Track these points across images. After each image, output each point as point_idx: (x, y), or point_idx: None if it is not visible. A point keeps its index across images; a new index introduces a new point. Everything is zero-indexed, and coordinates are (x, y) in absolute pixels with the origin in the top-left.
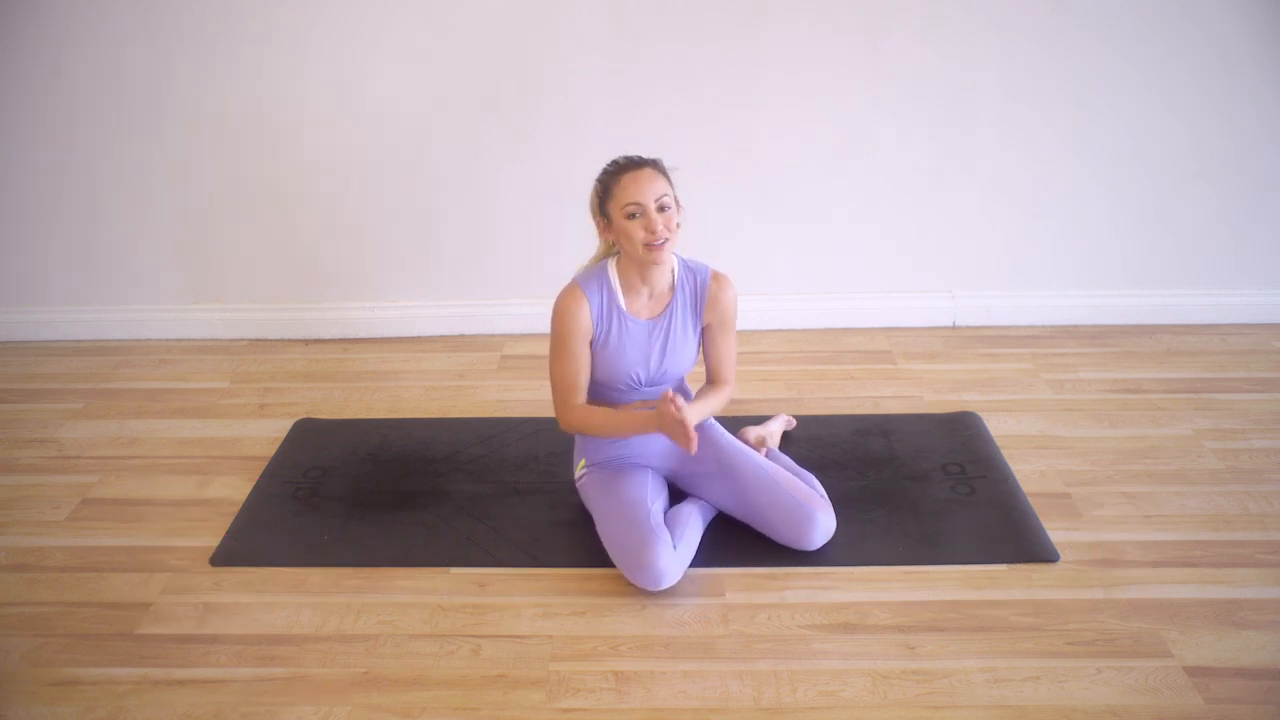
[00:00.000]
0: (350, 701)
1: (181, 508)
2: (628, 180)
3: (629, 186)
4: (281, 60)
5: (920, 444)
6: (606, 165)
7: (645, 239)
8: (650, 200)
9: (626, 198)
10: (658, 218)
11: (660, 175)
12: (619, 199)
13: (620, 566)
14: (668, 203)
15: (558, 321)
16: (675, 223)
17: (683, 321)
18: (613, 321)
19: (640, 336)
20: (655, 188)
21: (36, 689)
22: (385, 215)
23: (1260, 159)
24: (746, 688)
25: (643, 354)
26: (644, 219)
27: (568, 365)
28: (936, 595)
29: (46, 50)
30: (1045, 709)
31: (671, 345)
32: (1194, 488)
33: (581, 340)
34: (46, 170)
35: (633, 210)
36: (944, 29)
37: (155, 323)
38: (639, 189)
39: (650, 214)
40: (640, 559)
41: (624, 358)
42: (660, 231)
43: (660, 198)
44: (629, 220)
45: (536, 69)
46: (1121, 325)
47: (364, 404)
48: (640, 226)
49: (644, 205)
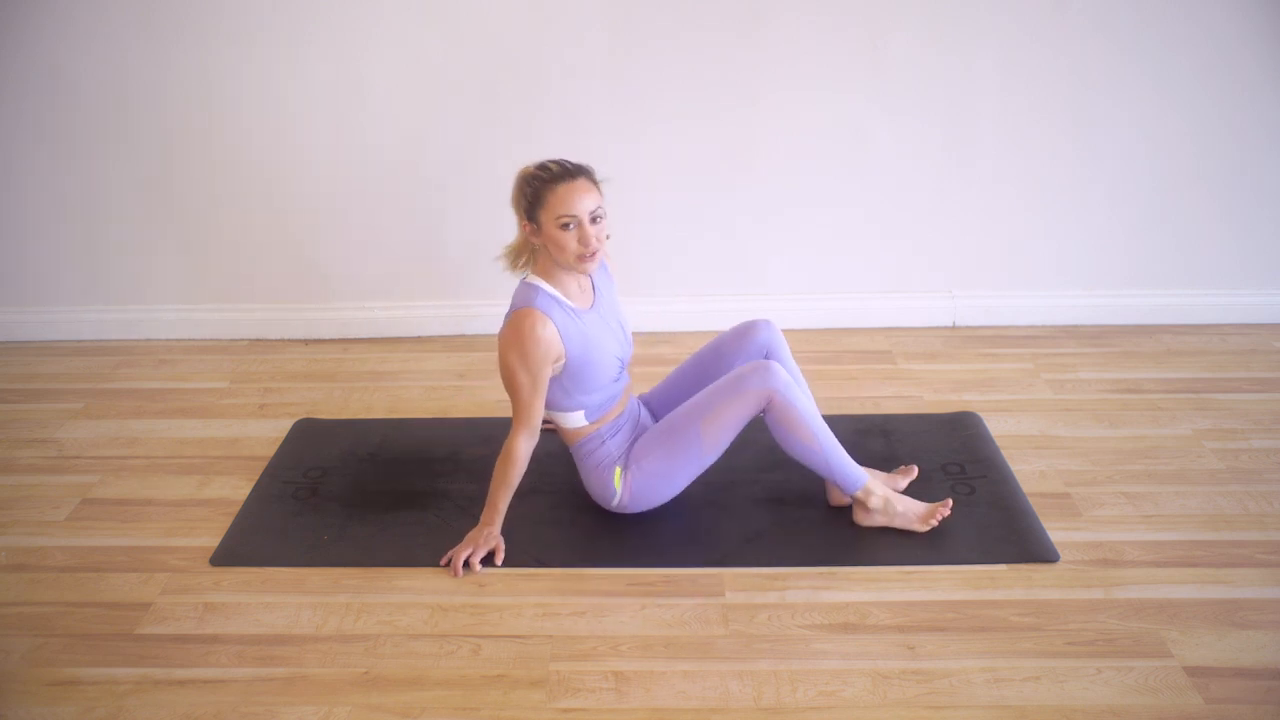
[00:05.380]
0: (350, 701)
1: (181, 508)
2: (564, 190)
3: (565, 198)
4: (281, 60)
5: (920, 444)
6: (536, 168)
7: (578, 251)
8: (585, 213)
9: (561, 209)
10: (591, 230)
11: (593, 186)
12: (552, 208)
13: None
14: (600, 214)
15: (533, 347)
16: (605, 233)
17: (608, 287)
18: (574, 327)
19: (597, 322)
20: (589, 199)
21: (36, 689)
22: (385, 215)
23: (1261, 159)
24: (746, 688)
25: (610, 335)
26: (579, 230)
27: (539, 387)
28: (936, 595)
29: (46, 49)
30: (1045, 709)
31: (618, 314)
32: (1194, 488)
33: (548, 364)
34: (46, 170)
35: (567, 222)
36: (944, 28)
37: (155, 323)
38: (574, 201)
39: (585, 227)
40: (747, 384)
41: (602, 349)
42: (593, 245)
43: (594, 210)
44: (562, 230)
45: (536, 69)
46: (1122, 325)
47: (364, 404)
48: (574, 238)
49: (579, 218)
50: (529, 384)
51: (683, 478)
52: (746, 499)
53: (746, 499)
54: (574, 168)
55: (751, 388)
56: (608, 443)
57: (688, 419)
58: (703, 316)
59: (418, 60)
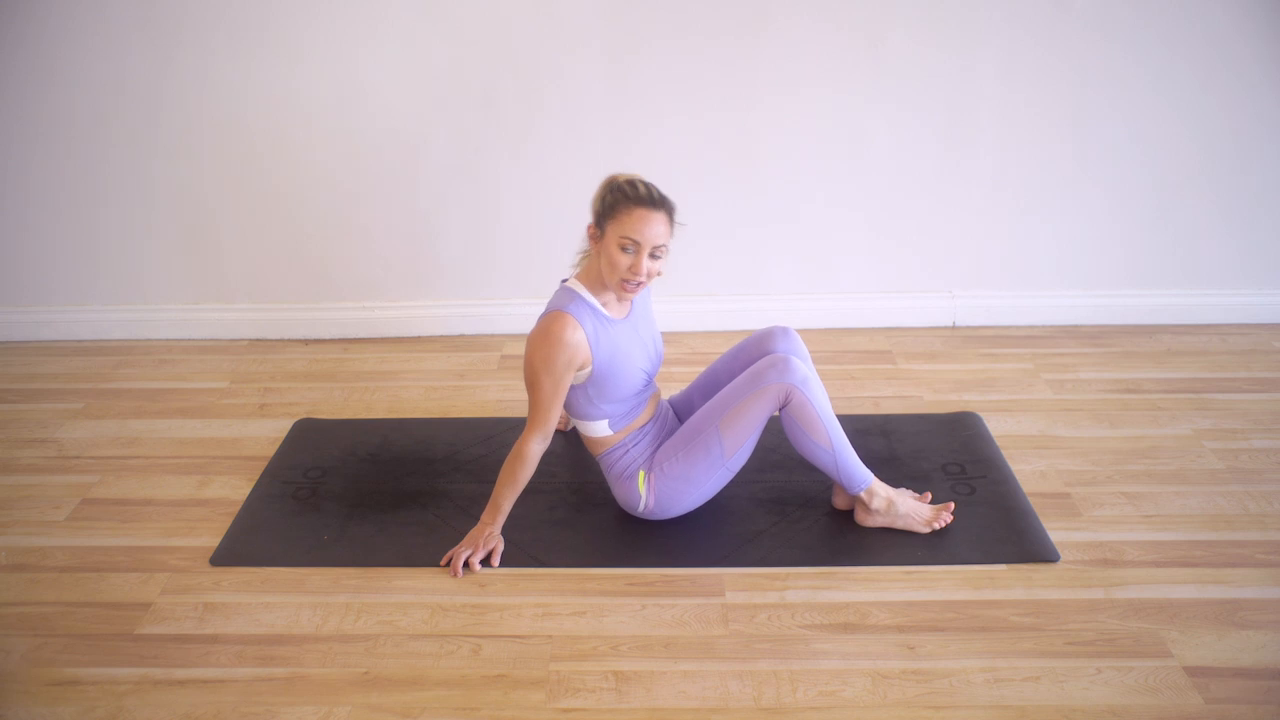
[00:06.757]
0: (350, 701)
1: (181, 508)
2: (639, 215)
3: (638, 222)
4: (281, 60)
5: (920, 444)
6: (625, 181)
7: (626, 276)
8: (649, 244)
9: (628, 230)
10: (647, 264)
11: (668, 225)
12: (621, 225)
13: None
14: (661, 252)
15: (559, 351)
16: (658, 271)
17: (644, 300)
18: (606, 336)
19: (630, 334)
20: (658, 233)
21: (36, 689)
22: (385, 215)
23: (1261, 159)
24: (746, 688)
25: (641, 349)
26: (635, 257)
27: (559, 396)
28: (936, 595)
29: (46, 50)
30: (1045, 709)
31: (651, 328)
32: (1194, 488)
33: (573, 369)
34: (46, 170)
35: (628, 245)
36: (944, 28)
37: (155, 323)
38: (644, 229)
39: (642, 256)
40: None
41: (630, 361)
42: (642, 277)
43: (658, 245)
44: (621, 250)
45: (536, 69)
46: (1121, 325)
47: (364, 404)
48: (628, 262)
49: (641, 246)
50: (550, 387)
51: (707, 481)
52: (746, 499)
53: (746, 499)
54: (658, 199)
55: (770, 383)
56: (631, 450)
57: (707, 419)
58: (704, 317)
59: (418, 61)
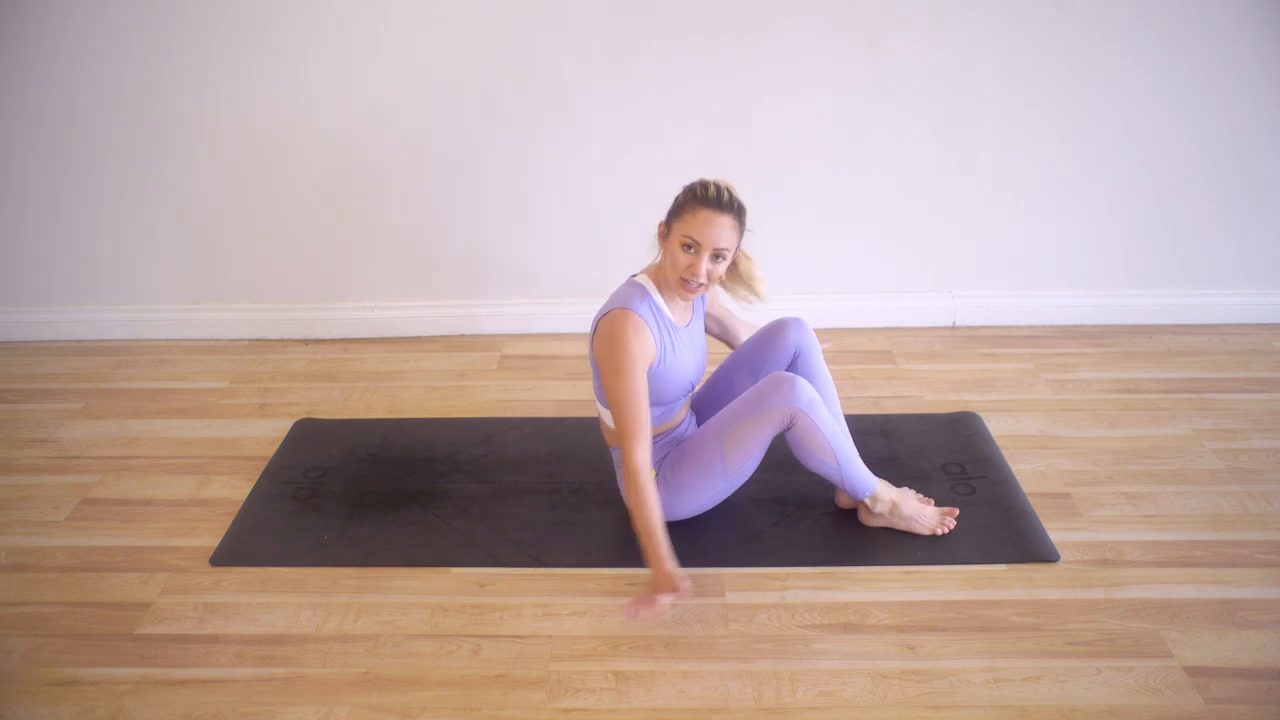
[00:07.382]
0: (350, 701)
1: (181, 508)
2: (705, 215)
3: (703, 223)
4: (281, 60)
5: (920, 444)
6: (699, 182)
7: (684, 275)
8: (711, 245)
9: (692, 229)
10: (707, 265)
11: (734, 229)
12: (687, 223)
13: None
14: (724, 256)
15: (626, 355)
16: (720, 274)
17: (699, 317)
18: (669, 337)
19: (688, 342)
20: (723, 236)
21: (36, 689)
22: (385, 215)
23: (1261, 159)
24: (746, 688)
25: (694, 359)
26: (695, 257)
27: (641, 397)
28: (936, 595)
29: (46, 50)
30: (1045, 709)
31: (703, 343)
32: (1194, 488)
33: (645, 369)
34: (46, 170)
35: (690, 244)
36: (944, 28)
37: (155, 323)
38: (708, 230)
39: (702, 257)
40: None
41: (681, 369)
42: (700, 278)
43: (721, 248)
44: (682, 249)
45: (536, 69)
46: (1121, 325)
47: (364, 404)
48: (688, 262)
49: (702, 247)
50: (629, 393)
51: (709, 494)
52: (747, 499)
53: (747, 499)
54: (726, 201)
55: (774, 407)
56: None
57: (714, 434)
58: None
59: (418, 61)
